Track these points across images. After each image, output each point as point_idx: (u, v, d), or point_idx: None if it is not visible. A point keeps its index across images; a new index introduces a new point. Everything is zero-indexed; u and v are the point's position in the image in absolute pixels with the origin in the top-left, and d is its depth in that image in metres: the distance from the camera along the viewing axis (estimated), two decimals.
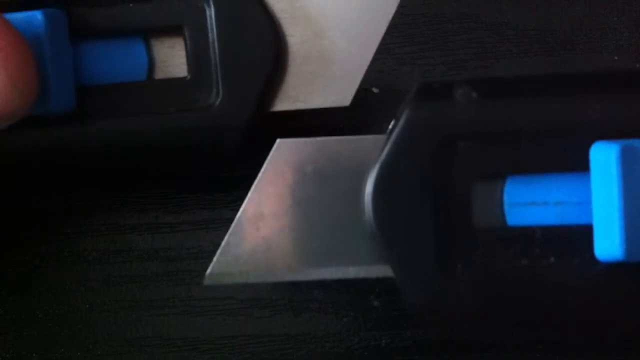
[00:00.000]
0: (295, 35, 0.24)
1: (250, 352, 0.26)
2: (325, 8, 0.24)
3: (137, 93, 0.24)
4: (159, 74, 0.25)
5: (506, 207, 0.22)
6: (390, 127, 0.22)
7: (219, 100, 0.24)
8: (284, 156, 0.23)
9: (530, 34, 0.26)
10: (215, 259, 0.23)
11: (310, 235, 0.23)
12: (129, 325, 0.26)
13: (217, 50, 0.24)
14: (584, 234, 0.22)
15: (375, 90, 0.26)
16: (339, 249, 0.23)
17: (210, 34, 0.24)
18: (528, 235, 0.22)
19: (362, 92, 0.26)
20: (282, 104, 0.24)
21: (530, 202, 0.22)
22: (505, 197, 0.22)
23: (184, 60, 0.24)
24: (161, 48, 0.25)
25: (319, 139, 0.23)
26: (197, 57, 0.24)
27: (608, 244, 0.21)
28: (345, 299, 0.26)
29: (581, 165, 0.21)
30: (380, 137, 0.22)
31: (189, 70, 0.24)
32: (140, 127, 0.24)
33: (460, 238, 0.22)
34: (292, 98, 0.24)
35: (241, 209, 0.23)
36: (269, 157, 0.23)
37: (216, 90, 0.24)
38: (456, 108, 0.22)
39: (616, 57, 0.26)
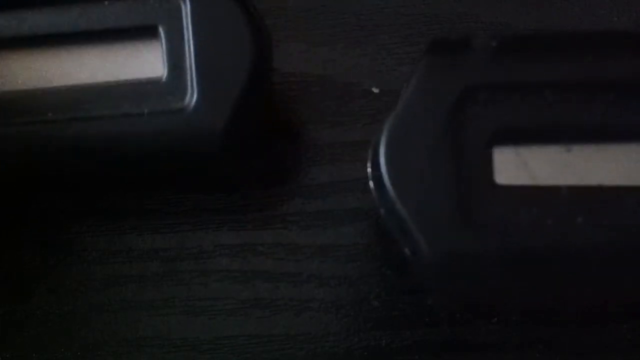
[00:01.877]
0: None
1: (250, 352, 0.26)
2: None
3: (109, 94, 0.24)
4: (134, 75, 0.24)
5: None
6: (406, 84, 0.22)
7: (193, 102, 0.23)
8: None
9: None
10: None
11: None
12: (129, 325, 0.26)
13: (192, 51, 0.23)
14: (614, 195, 0.21)
15: (375, 90, 0.26)
16: None
17: (185, 34, 0.23)
18: (553, 193, 0.21)
19: (362, 92, 0.26)
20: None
21: None
22: None
23: (159, 60, 0.24)
24: (137, 48, 0.24)
25: None
26: (172, 57, 0.23)
27: None
28: (345, 299, 0.26)
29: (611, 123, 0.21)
30: None
31: (164, 71, 0.23)
32: (112, 129, 0.23)
33: (481, 196, 0.21)
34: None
35: None
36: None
37: (191, 92, 0.23)
38: (474, 57, 0.21)
39: None
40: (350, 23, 0.27)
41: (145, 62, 0.24)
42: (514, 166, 0.21)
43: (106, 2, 0.23)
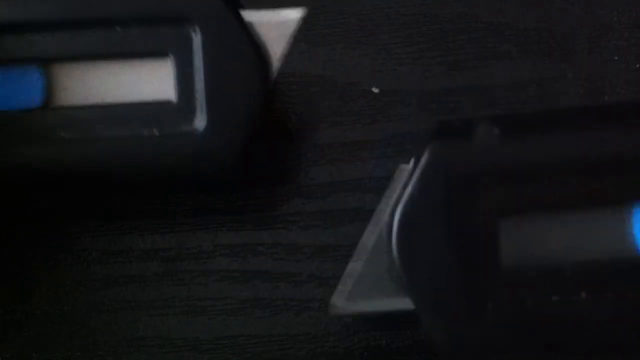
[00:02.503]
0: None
1: (250, 352, 0.26)
2: None
3: (119, 115, 0.24)
4: (146, 97, 0.24)
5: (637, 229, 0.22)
6: (410, 165, 0.22)
7: (204, 126, 0.24)
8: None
9: (530, 34, 0.26)
10: (338, 287, 0.23)
11: None
12: (129, 325, 0.26)
13: (203, 77, 0.24)
14: (617, 267, 0.22)
15: (375, 90, 0.26)
16: None
17: (196, 61, 0.24)
18: (558, 271, 0.22)
19: (362, 92, 0.26)
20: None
21: None
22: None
23: (170, 83, 0.24)
24: (149, 70, 0.24)
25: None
26: (183, 82, 0.24)
27: None
28: None
29: (617, 202, 0.21)
30: None
31: (175, 94, 0.24)
32: (124, 150, 0.24)
33: (489, 277, 0.22)
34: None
35: (364, 235, 0.23)
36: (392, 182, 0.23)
37: (201, 116, 0.24)
38: (478, 146, 0.22)
39: (616, 57, 0.26)
40: (350, 23, 0.27)
41: (157, 85, 0.24)
42: (520, 249, 0.22)
43: (118, 28, 0.24)
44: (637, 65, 0.26)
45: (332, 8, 0.27)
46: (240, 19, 0.24)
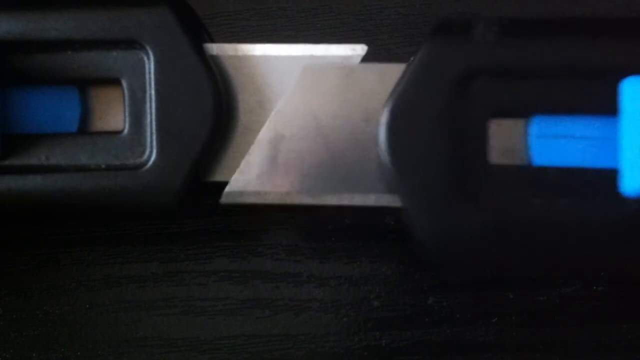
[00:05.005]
0: (239, 104, 0.23)
1: (250, 352, 0.26)
2: (271, 79, 0.23)
3: (68, 145, 0.23)
4: (95, 127, 0.24)
5: (532, 139, 0.22)
6: (410, 60, 0.22)
7: (152, 160, 0.22)
8: (310, 81, 0.23)
9: None
10: (233, 177, 0.23)
11: (329, 160, 0.23)
12: (129, 325, 0.26)
13: (154, 107, 0.22)
14: (602, 175, 0.22)
15: None
16: (357, 176, 0.23)
17: (148, 89, 0.23)
18: (545, 174, 0.22)
19: None
20: (219, 175, 0.23)
21: (555, 135, 0.22)
22: (531, 130, 0.22)
23: (120, 113, 0.23)
24: (99, 100, 0.24)
25: (345, 65, 0.23)
26: (133, 112, 0.23)
27: (636, 180, 0.20)
28: (345, 299, 0.26)
29: (605, 108, 0.21)
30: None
31: (125, 125, 0.23)
32: (68, 182, 0.23)
33: (476, 175, 0.22)
34: (229, 169, 0.23)
35: (262, 129, 0.23)
36: (295, 82, 0.23)
37: (150, 149, 0.23)
38: (476, 42, 0.22)
39: None
40: (350, 23, 0.27)
41: (108, 114, 0.24)
42: (508, 146, 0.22)
43: (69, 52, 0.23)
44: None
45: (332, 8, 0.27)
46: (199, 48, 0.23)
